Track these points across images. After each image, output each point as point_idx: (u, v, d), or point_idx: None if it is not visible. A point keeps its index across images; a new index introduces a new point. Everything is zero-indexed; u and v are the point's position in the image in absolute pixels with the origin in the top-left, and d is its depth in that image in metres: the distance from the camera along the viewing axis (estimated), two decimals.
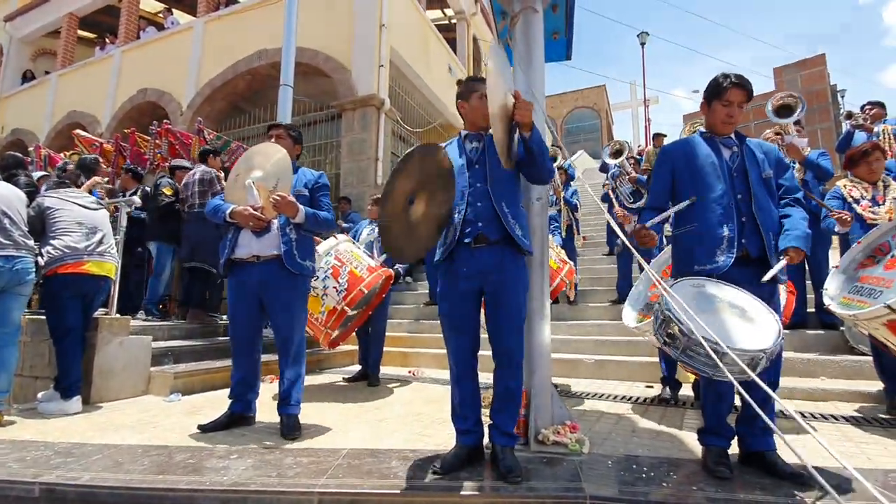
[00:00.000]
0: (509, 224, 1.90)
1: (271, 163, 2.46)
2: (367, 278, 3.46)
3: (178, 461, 2.00)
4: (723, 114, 1.98)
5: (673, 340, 1.67)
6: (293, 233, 2.49)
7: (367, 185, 7.47)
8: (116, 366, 3.29)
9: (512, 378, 1.91)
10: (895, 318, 2.14)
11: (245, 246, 2.46)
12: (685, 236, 2.03)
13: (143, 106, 10.39)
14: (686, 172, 2.04)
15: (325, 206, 2.63)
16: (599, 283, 5.81)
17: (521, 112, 1.84)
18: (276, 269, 2.44)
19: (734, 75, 1.96)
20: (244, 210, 2.39)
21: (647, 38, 18.60)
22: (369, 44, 7.81)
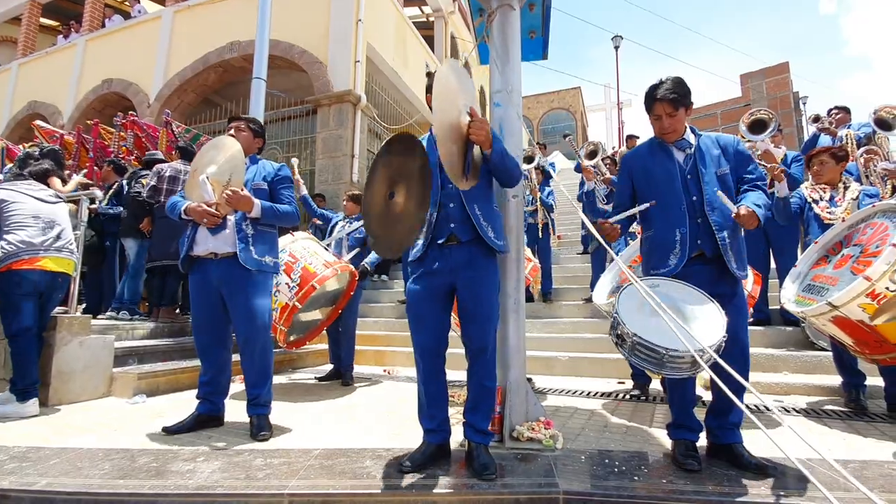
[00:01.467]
0: (481, 226, 1.91)
1: (225, 157, 2.39)
2: (320, 273, 3.38)
3: (141, 465, 1.93)
4: (656, 127, 2.05)
5: (622, 341, 1.71)
6: (250, 228, 2.42)
7: (343, 182, 7.38)
8: (76, 367, 3.15)
9: (486, 375, 1.91)
10: (839, 315, 2.24)
11: (202, 243, 2.40)
12: (646, 241, 2.12)
13: (108, 97, 10.00)
14: (642, 179, 2.11)
15: (287, 199, 2.57)
16: (574, 281, 5.88)
17: (476, 132, 1.81)
18: (234, 267, 2.37)
19: (662, 89, 1.96)
20: (197, 206, 2.32)
21: (620, 42, 18.94)
22: (346, 39, 7.70)
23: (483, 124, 1.82)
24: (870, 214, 2.55)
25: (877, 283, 2.12)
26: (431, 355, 1.95)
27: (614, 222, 2.06)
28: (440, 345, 1.96)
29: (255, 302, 2.43)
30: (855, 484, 1.03)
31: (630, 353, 1.70)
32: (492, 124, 2.50)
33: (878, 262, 2.14)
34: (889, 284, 2.12)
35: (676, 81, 1.97)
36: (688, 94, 1.99)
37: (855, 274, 2.26)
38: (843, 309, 2.22)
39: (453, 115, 1.80)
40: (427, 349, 1.94)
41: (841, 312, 2.24)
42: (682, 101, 1.96)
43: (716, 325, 1.72)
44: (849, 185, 3.01)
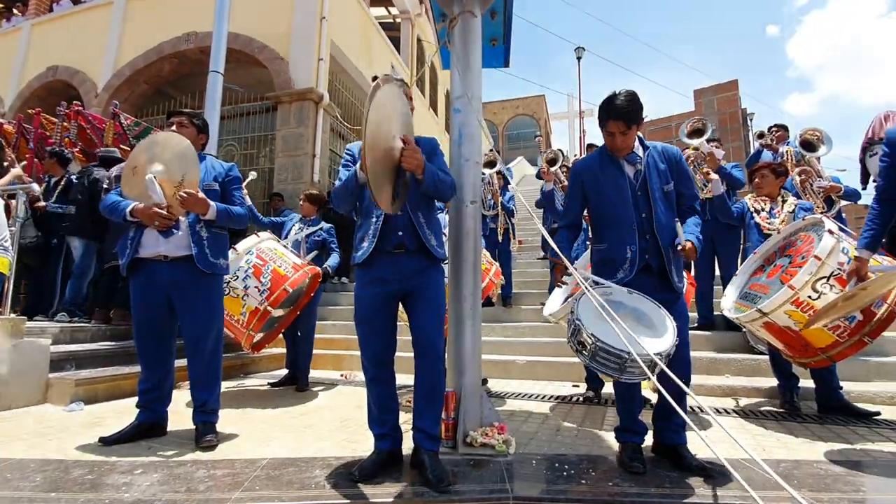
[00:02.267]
0: (425, 235, 1.93)
1: (174, 154, 2.25)
2: (291, 276, 3.33)
3: (75, 477, 1.81)
4: (608, 143, 2.08)
5: (582, 347, 1.76)
6: (204, 231, 2.33)
7: (303, 182, 7.22)
8: (8, 372, 2.93)
9: (434, 373, 1.90)
10: (769, 321, 2.40)
11: (151, 245, 2.26)
12: (597, 253, 2.18)
13: (52, 85, 9.42)
14: (593, 192, 2.15)
15: (238, 201, 2.49)
16: (534, 285, 5.99)
17: (408, 161, 1.80)
18: (188, 270, 2.28)
19: (616, 105, 1.97)
20: (146, 208, 2.18)
21: (583, 53, 19.51)
22: (308, 35, 7.56)
23: (415, 153, 1.80)
24: (801, 227, 2.73)
25: (800, 291, 2.28)
26: (382, 361, 1.94)
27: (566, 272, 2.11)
28: (390, 350, 1.96)
29: (209, 304, 2.36)
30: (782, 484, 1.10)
31: (591, 359, 1.74)
32: (452, 129, 2.52)
33: (801, 273, 2.30)
34: (811, 293, 2.28)
35: (630, 98, 1.98)
36: (640, 112, 2.01)
37: (783, 283, 2.41)
38: (772, 316, 2.37)
39: (386, 141, 1.77)
40: (378, 355, 1.93)
41: (770, 319, 2.39)
42: (634, 120, 1.99)
43: (667, 330, 1.81)
44: (786, 199, 3.21)
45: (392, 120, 1.81)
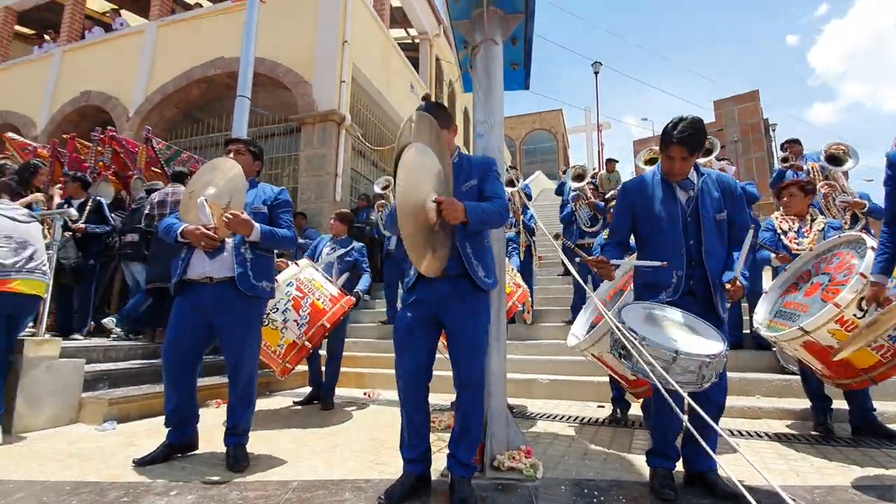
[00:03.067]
0: (472, 265, 1.90)
1: (225, 179, 2.36)
2: (329, 311, 3.35)
3: (112, 499, 1.86)
4: (667, 166, 2.07)
5: (628, 353, 1.74)
6: (248, 252, 2.39)
7: (326, 201, 7.36)
8: (44, 392, 3.03)
9: (472, 406, 1.89)
10: (809, 340, 2.34)
11: (198, 266, 2.34)
12: (642, 275, 2.15)
13: (85, 109, 9.83)
14: (643, 214, 2.13)
15: (285, 224, 2.54)
16: (555, 302, 5.95)
17: (448, 217, 1.75)
18: (230, 292, 2.33)
19: (679, 130, 1.95)
20: (195, 229, 2.27)
21: (599, 68, 19.54)
22: (331, 59, 7.77)
23: (452, 210, 1.74)
24: (835, 245, 2.68)
25: (845, 309, 2.23)
26: (414, 384, 1.93)
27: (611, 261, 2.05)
28: (424, 374, 1.94)
29: (249, 328, 2.40)
30: None
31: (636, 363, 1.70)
32: (475, 153, 2.56)
33: (846, 291, 2.26)
34: (856, 311, 2.23)
35: (695, 125, 1.95)
36: (704, 140, 2.00)
37: (825, 301, 2.37)
38: (814, 334, 2.32)
39: (418, 209, 1.71)
40: (410, 377, 1.92)
41: (812, 337, 2.34)
42: (697, 147, 1.98)
43: (716, 338, 1.81)
44: (815, 218, 3.15)
45: (421, 182, 1.75)
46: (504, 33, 2.67)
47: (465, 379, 1.89)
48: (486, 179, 2.03)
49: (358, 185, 8.47)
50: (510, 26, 2.70)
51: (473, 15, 2.64)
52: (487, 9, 2.56)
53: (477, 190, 2.02)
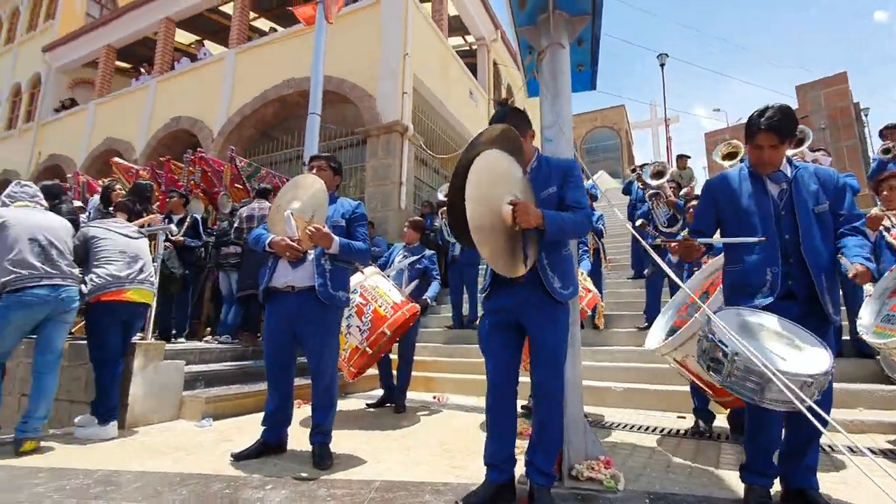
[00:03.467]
0: (547, 277, 1.86)
1: (309, 195, 2.52)
2: (390, 317, 3.44)
3: (215, 491, 2.04)
4: (754, 157, 1.95)
5: (717, 365, 1.64)
6: (328, 264, 2.53)
7: (391, 210, 7.59)
8: (151, 391, 3.37)
9: (549, 415, 1.87)
10: None
11: (282, 275, 2.51)
12: (730, 275, 2.03)
13: (177, 133, 10.84)
14: (730, 210, 2.01)
15: (361, 237, 2.67)
16: (626, 307, 5.73)
17: (522, 217, 1.72)
18: (310, 300, 2.48)
19: (767, 117, 1.86)
20: (281, 240, 2.44)
21: (666, 59, 18.65)
22: (394, 72, 8.03)
23: (525, 214, 1.72)
24: None
25: None
26: (499, 391, 1.92)
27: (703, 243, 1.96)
28: (508, 381, 1.93)
29: (327, 334, 2.54)
30: None
31: (726, 378, 1.61)
32: None
33: None
34: None
35: (784, 111, 1.86)
36: (793, 126, 1.89)
37: None
38: None
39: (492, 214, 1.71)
40: (495, 385, 1.93)
41: None
42: (786, 133, 1.87)
43: (820, 353, 1.65)
44: None
45: (495, 186, 1.75)
46: (571, 36, 2.64)
47: (543, 388, 1.87)
48: (566, 186, 1.98)
49: (421, 193, 8.65)
50: (577, 28, 2.66)
51: (539, 20, 2.64)
52: (553, 13, 2.55)
53: (557, 198, 1.97)
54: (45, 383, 2.79)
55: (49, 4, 15.03)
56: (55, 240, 2.87)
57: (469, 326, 5.79)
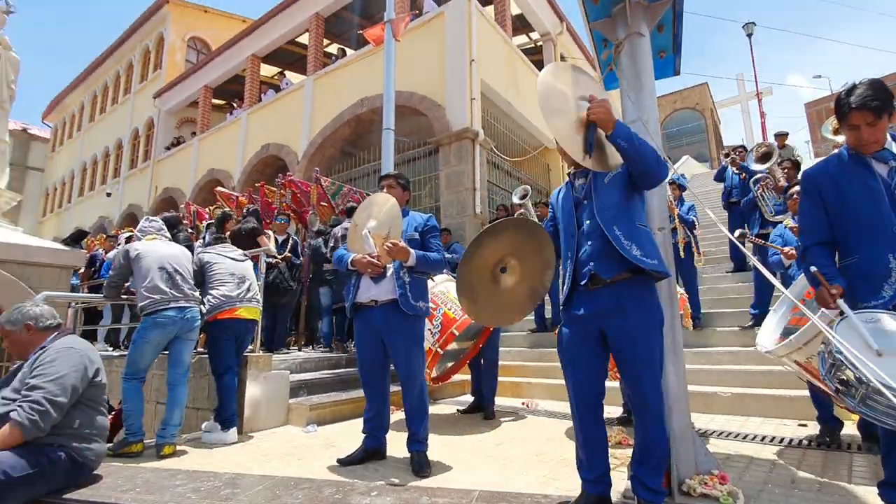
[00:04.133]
0: (623, 246, 1.73)
1: (383, 212, 2.66)
2: (459, 319, 3.52)
3: (326, 495, 2.18)
4: (852, 139, 1.77)
5: (847, 388, 1.47)
6: (407, 276, 2.63)
7: (467, 216, 7.66)
8: (262, 398, 3.69)
9: (647, 427, 1.77)
10: None
11: (365, 291, 2.65)
12: (846, 270, 1.82)
13: (266, 159, 11.80)
14: (835, 200, 1.83)
15: (435, 248, 2.74)
16: (727, 304, 5.28)
17: (595, 110, 1.80)
18: (394, 312, 2.59)
19: (856, 93, 1.70)
20: (362, 258, 2.58)
21: (753, 29, 17.01)
22: (461, 80, 8.12)
23: (601, 102, 1.79)
24: None
25: None
26: (586, 403, 1.85)
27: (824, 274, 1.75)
28: (596, 391, 1.86)
29: (413, 343, 2.64)
30: None
31: (860, 403, 1.44)
32: None
33: None
34: None
35: (874, 85, 1.70)
36: (891, 99, 1.70)
37: None
38: None
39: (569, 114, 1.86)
40: (581, 396, 1.86)
41: None
42: (885, 108, 1.68)
43: None
44: None
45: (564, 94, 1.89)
46: (650, 23, 2.50)
47: (638, 399, 1.78)
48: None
49: (495, 197, 8.64)
50: (657, 13, 2.52)
51: (614, 12, 2.54)
52: (630, 2, 2.44)
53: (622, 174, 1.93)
54: (177, 394, 3.16)
55: (156, 57, 17.09)
56: (179, 267, 3.25)
57: (553, 329, 5.67)
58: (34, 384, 1.84)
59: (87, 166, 19.73)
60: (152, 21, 17.15)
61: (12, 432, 1.79)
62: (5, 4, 5.46)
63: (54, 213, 21.71)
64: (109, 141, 18.53)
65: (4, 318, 2.08)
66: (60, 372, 1.89)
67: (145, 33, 17.59)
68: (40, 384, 1.84)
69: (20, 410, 1.79)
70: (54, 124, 23.33)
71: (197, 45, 17.41)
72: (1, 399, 1.90)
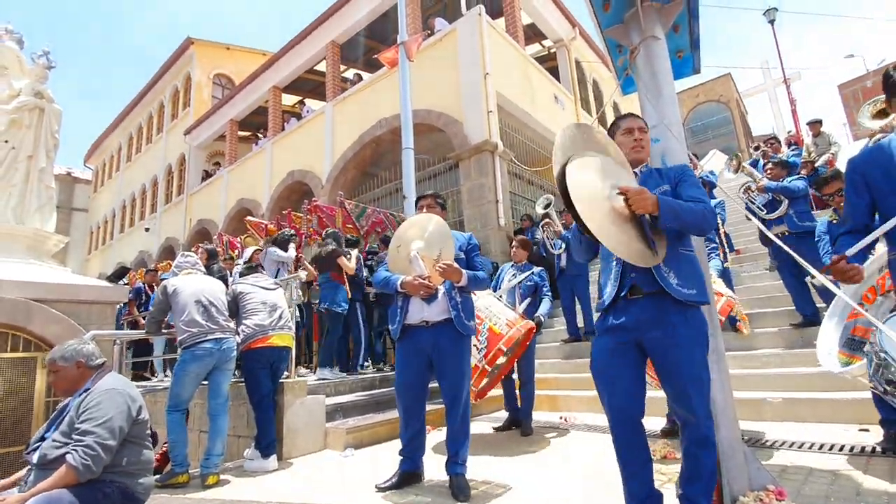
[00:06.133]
0: (661, 273, 1.70)
1: (429, 232, 2.61)
2: (505, 335, 3.44)
3: None
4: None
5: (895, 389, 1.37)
6: (458, 296, 2.61)
7: (491, 228, 7.63)
8: (300, 424, 3.72)
9: (695, 443, 1.69)
10: None
11: (416, 312, 2.61)
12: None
13: (292, 186, 12.11)
14: (885, 186, 1.73)
15: (480, 266, 2.73)
16: (768, 303, 5.04)
17: (638, 204, 1.63)
18: (448, 332, 2.56)
19: None
20: (413, 280, 2.54)
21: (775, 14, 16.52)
22: (476, 94, 8.17)
23: (641, 195, 1.64)
24: None
25: None
26: (625, 421, 1.75)
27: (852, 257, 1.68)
28: (635, 408, 1.75)
29: (462, 363, 2.61)
30: None
31: None
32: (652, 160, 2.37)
33: None
34: None
35: None
36: None
37: None
38: None
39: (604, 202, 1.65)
40: (620, 414, 1.75)
41: None
42: None
43: None
44: None
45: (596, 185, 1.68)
46: (665, 25, 2.46)
47: (685, 414, 1.70)
48: (681, 184, 1.84)
49: (518, 207, 8.59)
50: (671, 15, 2.48)
51: (626, 17, 2.51)
52: (642, 6, 2.41)
53: (671, 194, 1.83)
54: (218, 424, 3.23)
55: (184, 95, 17.90)
56: (213, 299, 3.34)
57: (587, 339, 5.55)
58: (85, 429, 1.92)
59: (126, 204, 20.72)
60: (180, 62, 18.00)
61: (68, 474, 1.86)
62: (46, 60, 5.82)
63: (98, 250, 22.81)
64: (146, 178, 19.43)
65: (58, 355, 2.17)
66: (108, 415, 1.95)
67: (174, 74, 18.47)
68: (90, 429, 1.91)
69: (75, 454, 1.87)
70: (95, 166, 24.64)
71: (222, 81, 18.15)
72: (52, 442, 1.98)
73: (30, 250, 4.76)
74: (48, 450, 1.97)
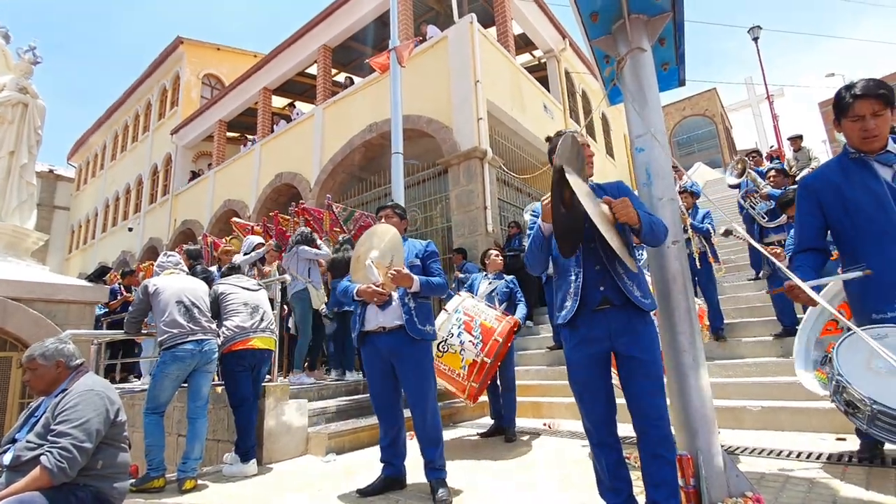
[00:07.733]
0: (626, 286, 1.81)
1: (384, 242, 2.69)
2: (497, 327, 3.56)
3: None
4: (856, 131, 1.72)
5: (854, 410, 1.41)
6: (412, 301, 2.65)
7: (479, 235, 7.65)
8: (281, 429, 3.67)
9: (659, 443, 1.75)
10: None
11: (372, 319, 2.66)
12: (855, 281, 1.77)
13: (280, 188, 12.00)
14: (838, 207, 1.79)
15: (437, 272, 2.77)
16: (751, 312, 5.13)
17: (622, 213, 1.74)
18: (402, 338, 2.60)
19: (859, 84, 1.70)
20: (367, 288, 2.60)
21: (759, 32, 16.94)
22: (467, 101, 8.21)
23: (625, 205, 1.75)
24: None
25: None
26: (603, 425, 1.84)
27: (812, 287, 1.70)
28: (609, 411, 1.86)
29: (423, 368, 2.63)
30: None
31: (870, 424, 1.40)
32: (637, 170, 2.41)
33: None
34: None
35: (877, 79, 1.70)
36: (892, 92, 1.68)
37: None
38: None
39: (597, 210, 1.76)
40: (598, 419, 1.85)
41: None
42: (890, 98, 1.65)
43: None
44: None
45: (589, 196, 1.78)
46: (651, 37, 2.50)
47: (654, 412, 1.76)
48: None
49: (506, 214, 8.63)
50: (657, 28, 2.52)
51: (614, 29, 2.55)
52: (629, 18, 2.44)
53: None
54: (197, 428, 3.17)
55: (172, 95, 17.71)
56: (196, 300, 3.29)
57: None
58: (61, 430, 1.86)
59: (109, 203, 20.37)
60: (168, 61, 17.82)
61: (42, 476, 1.81)
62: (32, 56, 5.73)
63: (80, 249, 22.36)
64: (130, 178, 19.13)
65: (38, 353, 2.11)
66: (85, 417, 1.91)
67: (162, 73, 18.28)
68: (67, 430, 1.86)
69: (49, 456, 1.81)
70: (79, 164, 24.22)
71: (211, 81, 18.00)
72: (25, 443, 1.92)
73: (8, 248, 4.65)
74: (21, 451, 1.91)
